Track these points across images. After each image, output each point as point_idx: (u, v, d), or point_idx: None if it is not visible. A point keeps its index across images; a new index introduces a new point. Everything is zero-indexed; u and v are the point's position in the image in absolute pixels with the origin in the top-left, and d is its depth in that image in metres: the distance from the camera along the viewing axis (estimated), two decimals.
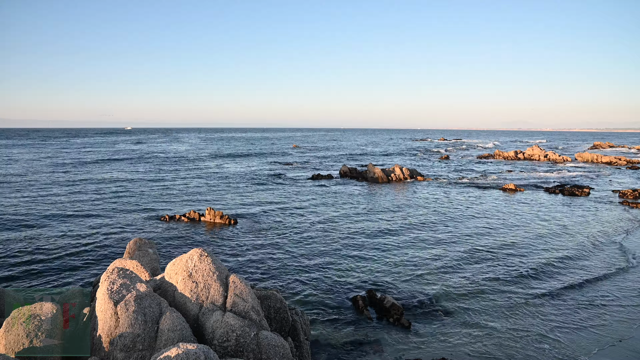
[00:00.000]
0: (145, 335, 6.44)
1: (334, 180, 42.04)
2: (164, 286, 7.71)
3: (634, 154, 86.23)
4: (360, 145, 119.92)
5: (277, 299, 8.43)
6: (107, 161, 59.12)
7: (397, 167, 43.52)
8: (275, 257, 17.16)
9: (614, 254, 18.09)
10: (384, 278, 14.94)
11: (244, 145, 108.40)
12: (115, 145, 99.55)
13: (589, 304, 13.09)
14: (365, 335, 11.07)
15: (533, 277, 15.22)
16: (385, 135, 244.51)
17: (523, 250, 18.42)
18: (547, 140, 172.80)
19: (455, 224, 23.29)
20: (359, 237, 20.24)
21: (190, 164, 57.40)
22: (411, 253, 17.87)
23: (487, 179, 43.52)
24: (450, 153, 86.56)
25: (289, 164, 59.03)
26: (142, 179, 40.19)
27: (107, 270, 7.25)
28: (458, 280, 14.86)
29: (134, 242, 10.88)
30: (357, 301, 12.70)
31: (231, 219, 22.79)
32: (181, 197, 30.71)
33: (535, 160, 66.74)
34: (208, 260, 7.73)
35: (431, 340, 10.84)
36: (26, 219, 22.69)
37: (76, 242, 18.79)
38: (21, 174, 42.20)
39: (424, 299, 13.22)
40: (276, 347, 6.88)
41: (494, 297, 13.46)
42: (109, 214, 24.48)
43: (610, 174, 48.79)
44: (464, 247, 18.85)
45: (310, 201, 29.60)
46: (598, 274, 15.61)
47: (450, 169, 54.26)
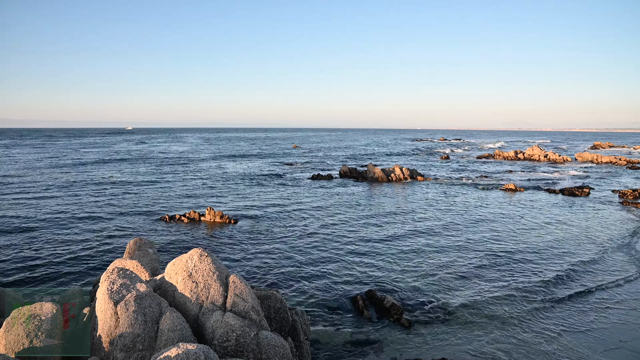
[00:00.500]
0: (145, 335, 6.44)
1: (334, 180, 42.05)
2: (164, 286, 7.71)
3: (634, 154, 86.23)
4: (360, 145, 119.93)
5: (277, 299, 8.43)
6: (108, 161, 59.12)
7: (397, 167, 43.52)
8: (275, 257, 17.16)
9: (614, 254, 18.08)
10: (384, 278, 14.94)
11: (244, 146, 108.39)
12: (116, 146, 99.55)
13: (593, 307, 13.09)
14: (365, 335, 11.07)
15: (534, 278, 15.21)
16: (385, 135, 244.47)
17: (523, 251, 18.41)
18: (550, 140, 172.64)
19: (455, 224, 23.29)
20: (359, 237, 20.24)
21: (191, 164, 57.40)
22: (411, 253, 17.87)
23: (487, 179, 43.52)
24: (451, 153, 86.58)
25: (289, 164, 59.03)
26: (142, 179, 40.19)
27: (107, 270, 7.25)
28: (458, 280, 14.85)
29: (134, 242, 10.87)
30: (357, 301, 12.70)
31: (231, 219, 22.80)
32: (181, 197, 30.71)
33: (535, 160, 66.73)
34: (208, 260, 7.73)
35: (431, 340, 10.84)
36: (26, 219, 22.69)
37: (76, 242, 18.79)
38: (21, 174, 42.20)
39: (424, 299, 13.22)
40: (276, 347, 6.88)
41: (494, 298, 13.45)
42: (109, 214, 24.48)
43: (610, 174, 48.79)
44: (464, 247, 18.85)
45: (310, 201, 29.60)
46: (601, 276, 15.61)
47: (450, 169, 54.26)
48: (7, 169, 46.97)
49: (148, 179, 40.32)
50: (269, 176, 44.13)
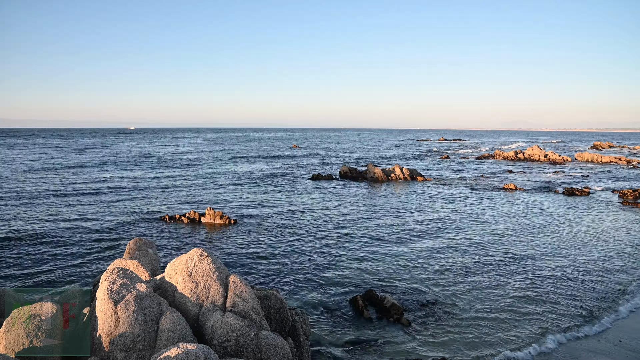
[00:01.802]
0: (145, 335, 6.44)
1: (334, 180, 42.04)
2: (164, 286, 7.71)
3: (634, 154, 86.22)
4: (360, 145, 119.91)
5: (277, 298, 8.43)
6: (108, 161, 59.12)
7: (397, 167, 43.52)
8: (275, 257, 17.16)
9: (614, 254, 18.08)
10: (384, 278, 14.94)
11: (244, 146, 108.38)
12: (117, 146, 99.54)
13: (595, 308, 13.10)
14: (365, 335, 11.07)
15: (534, 278, 15.22)
16: (385, 135, 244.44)
17: (524, 251, 18.41)
18: (560, 140, 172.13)
19: (455, 224, 23.29)
20: (359, 237, 20.24)
21: (191, 164, 57.40)
22: (411, 253, 17.87)
23: (487, 179, 43.53)
24: (451, 153, 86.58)
25: (289, 164, 59.03)
26: (143, 179, 40.19)
27: (107, 270, 7.25)
28: (458, 280, 14.85)
29: (134, 242, 10.87)
30: (357, 301, 12.69)
31: (231, 219, 22.80)
32: (181, 197, 30.71)
33: (535, 161, 66.72)
34: (208, 260, 7.73)
35: (431, 340, 10.84)
36: (26, 219, 22.69)
37: (76, 242, 18.79)
38: (21, 174, 42.19)
39: (424, 299, 13.22)
40: (276, 347, 6.88)
41: (495, 298, 13.45)
42: (109, 214, 24.48)
43: (610, 174, 48.78)
44: (464, 247, 18.85)
45: (310, 201, 29.60)
46: (602, 276, 15.61)
47: (450, 169, 54.26)
48: (7, 169, 46.96)
49: (148, 179, 40.32)
50: (269, 176, 44.13)
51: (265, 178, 42.69)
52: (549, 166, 59.27)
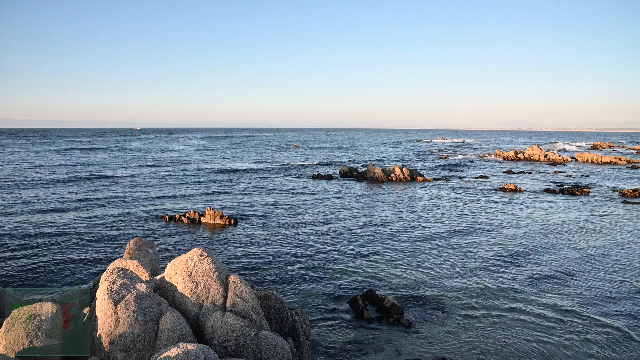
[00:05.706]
0: (145, 335, 6.43)
1: (335, 180, 42.04)
2: (164, 286, 7.71)
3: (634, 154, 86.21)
4: (360, 145, 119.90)
5: (277, 299, 8.43)
6: (109, 161, 59.14)
7: (397, 167, 43.51)
8: (275, 257, 17.16)
9: (614, 254, 18.08)
10: (384, 278, 14.94)
11: (244, 145, 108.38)
12: (120, 146, 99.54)
13: (596, 309, 13.09)
14: (365, 335, 11.07)
15: (534, 277, 15.21)
16: (386, 135, 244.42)
17: (524, 251, 18.41)
18: (566, 141, 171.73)
19: (455, 224, 23.29)
20: (359, 237, 20.24)
21: (191, 164, 57.40)
22: (411, 253, 17.87)
23: (488, 179, 43.52)
24: (451, 153, 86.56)
25: (290, 164, 59.03)
26: (143, 179, 40.19)
27: (107, 270, 7.25)
28: (459, 280, 14.85)
29: (134, 242, 10.87)
30: (357, 301, 12.69)
31: (231, 219, 22.79)
32: (181, 197, 30.71)
33: (535, 160, 66.71)
34: (208, 260, 7.72)
35: (431, 340, 10.84)
36: (26, 219, 22.69)
37: (76, 242, 18.79)
38: (22, 174, 42.18)
39: (425, 299, 13.22)
40: (276, 347, 6.88)
41: (495, 298, 13.45)
42: (109, 214, 24.48)
43: (610, 174, 48.77)
44: (464, 247, 18.85)
45: (310, 201, 29.60)
46: (603, 276, 15.61)
47: (450, 169, 54.26)
48: (7, 169, 46.96)
49: (149, 179, 40.32)
50: (269, 176, 44.14)
51: (265, 178, 42.69)
52: (549, 166, 59.27)
